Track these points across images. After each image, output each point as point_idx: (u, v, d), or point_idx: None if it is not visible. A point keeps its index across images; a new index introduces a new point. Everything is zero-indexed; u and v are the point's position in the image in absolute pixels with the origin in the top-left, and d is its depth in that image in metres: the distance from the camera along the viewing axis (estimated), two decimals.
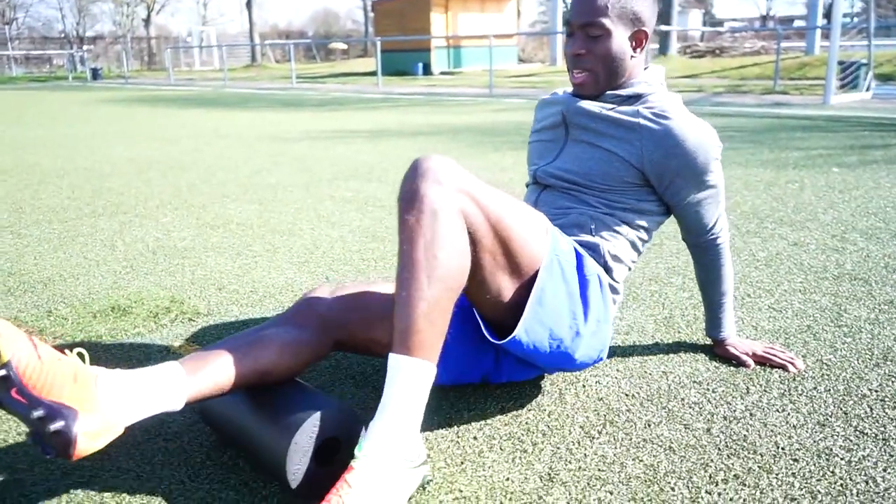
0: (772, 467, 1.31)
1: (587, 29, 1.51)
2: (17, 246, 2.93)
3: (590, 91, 1.58)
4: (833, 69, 9.36)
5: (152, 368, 1.18)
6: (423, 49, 22.35)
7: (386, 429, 1.15)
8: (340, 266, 2.59)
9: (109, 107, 11.54)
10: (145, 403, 1.14)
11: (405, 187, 1.23)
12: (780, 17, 47.21)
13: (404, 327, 1.18)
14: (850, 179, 4.08)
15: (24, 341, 1.06)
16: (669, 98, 1.58)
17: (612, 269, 1.56)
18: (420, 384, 1.18)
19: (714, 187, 1.58)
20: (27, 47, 38.19)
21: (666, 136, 1.51)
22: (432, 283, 1.18)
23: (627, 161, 1.53)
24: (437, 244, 1.19)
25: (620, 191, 1.56)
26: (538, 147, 1.71)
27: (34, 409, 1.02)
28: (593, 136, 1.57)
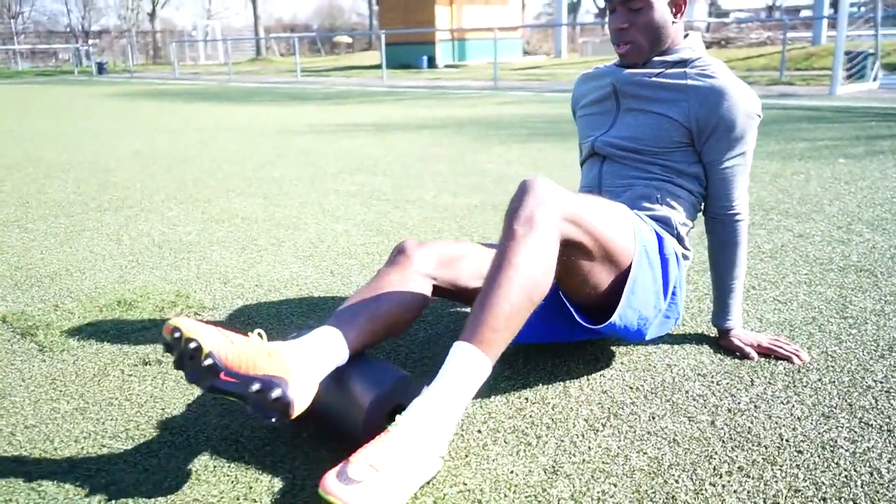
0: (776, 459, 1.31)
1: (628, 3, 1.60)
2: (24, 240, 2.94)
3: (636, 59, 1.66)
4: (840, 59, 9.31)
5: (316, 335, 1.32)
6: (428, 42, 22.29)
7: (430, 409, 1.20)
8: (345, 260, 2.59)
9: (115, 101, 11.56)
10: (325, 362, 1.29)
11: (517, 205, 1.33)
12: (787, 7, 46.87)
13: (482, 321, 1.25)
14: (856, 170, 4.06)
15: (215, 332, 1.19)
16: (714, 61, 1.65)
17: (683, 238, 1.69)
18: (477, 379, 1.24)
19: (745, 153, 1.65)
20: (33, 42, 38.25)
21: (711, 91, 1.59)
22: (521, 291, 1.27)
23: (677, 121, 1.61)
24: (534, 258, 1.29)
25: (671, 153, 1.64)
26: (589, 120, 1.78)
27: (250, 384, 1.16)
28: (644, 103, 1.66)
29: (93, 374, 1.70)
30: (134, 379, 1.67)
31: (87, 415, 1.51)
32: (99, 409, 1.53)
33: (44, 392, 1.61)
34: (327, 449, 1.36)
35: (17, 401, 1.58)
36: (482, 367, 1.24)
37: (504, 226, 1.33)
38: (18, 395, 1.60)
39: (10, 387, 1.64)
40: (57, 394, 1.60)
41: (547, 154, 4.99)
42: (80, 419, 1.49)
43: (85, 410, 1.53)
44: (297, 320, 2.02)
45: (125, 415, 1.51)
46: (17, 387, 1.64)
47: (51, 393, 1.61)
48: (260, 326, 1.98)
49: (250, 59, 32.36)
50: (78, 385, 1.64)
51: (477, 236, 2.88)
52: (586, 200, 1.42)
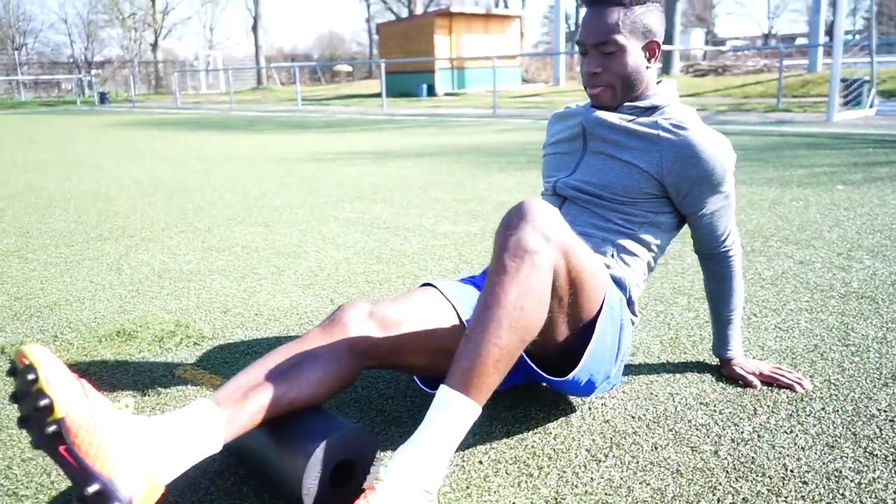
0: (781, 490, 1.29)
1: (601, 47, 1.55)
2: (24, 270, 2.94)
3: (607, 103, 1.62)
4: (836, 86, 9.39)
5: (191, 414, 1.15)
6: (428, 71, 22.50)
7: (419, 458, 1.15)
8: (345, 288, 2.59)
9: (117, 130, 11.64)
10: (188, 457, 1.12)
11: (509, 232, 1.23)
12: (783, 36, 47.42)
13: (470, 367, 1.18)
14: (854, 197, 4.07)
15: (78, 393, 1.03)
16: (685, 110, 1.62)
17: (633, 302, 1.60)
18: (465, 424, 1.19)
19: (728, 197, 1.62)
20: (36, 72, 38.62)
21: (685, 146, 1.54)
22: (511, 332, 1.19)
23: (647, 172, 1.56)
24: (527, 297, 1.20)
25: (639, 203, 1.59)
26: (555, 159, 1.74)
27: (89, 482, 0.99)
28: (612, 148, 1.60)
29: None
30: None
31: None
32: None
33: None
34: None
35: (14, 433, 1.56)
36: (472, 414, 1.19)
37: (494, 255, 1.24)
38: (15, 428, 1.59)
39: (8, 419, 1.63)
40: None
41: None
42: None
43: None
44: None
45: None
46: (15, 419, 1.63)
47: None
48: (259, 356, 1.97)
49: (252, 89, 32.65)
50: None
51: (476, 264, 2.88)
52: (578, 239, 1.33)
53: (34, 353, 1.03)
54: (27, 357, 1.02)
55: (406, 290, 1.52)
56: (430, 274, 2.75)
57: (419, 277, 2.70)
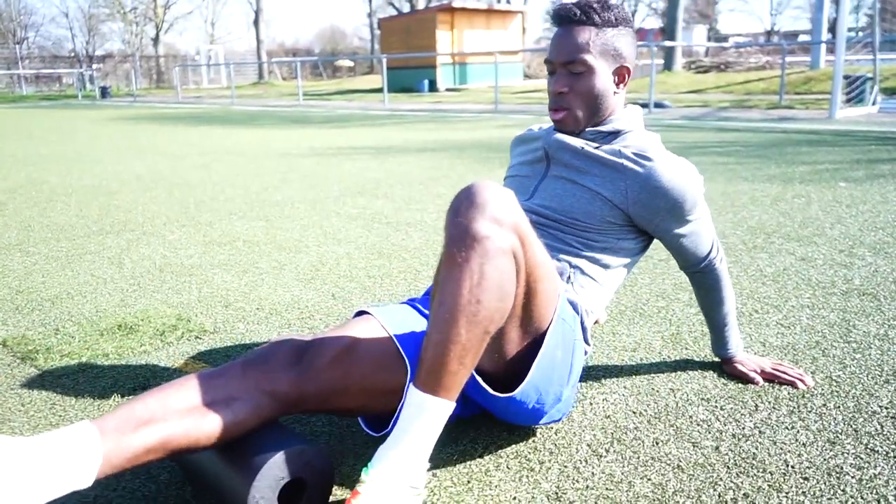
0: (781, 486, 1.29)
1: (569, 66, 1.50)
2: (26, 264, 2.94)
3: (570, 128, 1.57)
4: (839, 83, 9.37)
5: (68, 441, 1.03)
6: (429, 66, 22.48)
7: (399, 458, 1.14)
8: (346, 283, 2.59)
9: (118, 125, 11.64)
10: (50, 492, 1.00)
11: (457, 219, 1.14)
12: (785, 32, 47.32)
13: (435, 367, 1.14)
14: (857, 194, 4.07)
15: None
16: (648, 137, 1.57)
17: (586, 329, 1.50)
18: (440, 422, 1.16)
19: (700, 220, 1.57)
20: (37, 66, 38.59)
21: (650, 178, 1.48)
22: (471, 327, 1.13)
23: (610, 201, 1.51)
24: (483, 287, 1.12)
25: (600, 230, 1.53)
26: (514, 182, 1.67)
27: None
28: (574, 174, 1.55)
29: (93, 399, 1.69)
30: None
31: None
32: None
33: (43, 417, 1.60)
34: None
35: (17, 426, 1.57)
36: (445, 411, 1.16)
37: (445, 247, 1.15)
38: (18, 419, 1.59)
39: (10, 411, 1.63)
40: (56, 419, 1.59)
41: None
42: None
43: None
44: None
45: None
46: (17, 411, 1.63)
47: (50, 418, 1.60)
48: None
49: (253, 83, 32.62)
50: (78, 410, 1.63)
51: None
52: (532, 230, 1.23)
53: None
54: None
55: (341, 322, 1.43)
56: (431, 269, 2.75)
57: (420, 272, 2.70)
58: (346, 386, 1.27)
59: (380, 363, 1.30)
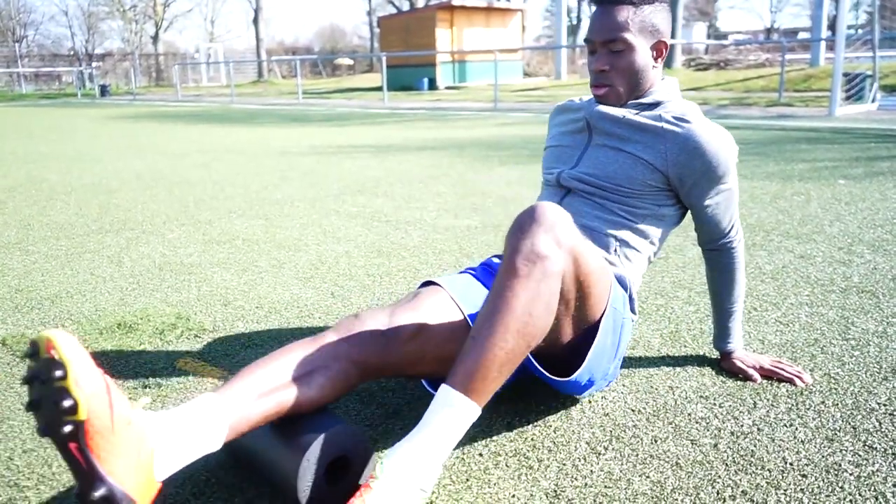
0: (780, 483, 1.30)
1: (609, 45, 1.56)
2: (25, 262, 2.94)
3: (611, 103, 1.63)
4: (838, 81, 9.37)
5: (196, 411, 1.14)
6: (429, 64, 22.46)
7: (416, 456, 1.15)
8: (346, 281, 2.59)
9: (117, 123, 11.63)
10: (187, 455, 1.11)
11: (524, 236, 1.22)
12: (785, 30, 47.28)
13: (473, 369, 1.18)
14: (856, 191, 4.07)
15: (103, 397, 0.99)
16: (687, 104, 1.63)
17: (634, 299, 1.60)
18: (464, 425, 1.19)
19: (731, 190, 1.62)
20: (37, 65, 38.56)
21: (689, 139, 1.55)
22: (519, 337, 1.20)
23: (651, 164, 1.57)
24: (536, 303, 1.21)
25: (642, 195, 1.59)
26: (557, 151, 1.74)
27: (96, 487, 0.99)
28: (617, 141, 1.61)
29: None
30: (133, 402, 1.66)
31: None
32: None
33: None
34: None
35: (16, 425, 1.57)
36: (472, 415, 1.19)
37: (505, 258, 1.23)
38: (17, 418, 1.60)
39: (9, 410, 1.64)
40: None
41: None
42: None
43: None
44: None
45: None
46: (17, 410, 1.63)
47: None
48: (260, 348, 1.98)
49: (252, 81, 32.60)
50: None
51: (477, 257, 2.88)
52: (588, 243, 1.34)
53: (65, 347, 0.97)
54: (57, 350, 0.97)
55: (413, 293, 1.48)
56: (430, 268, 2.75)
57: (420, 271, 2.70)
58: (422, 356, 1.39)
59: (451, 335, 1.41)
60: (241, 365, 1.87)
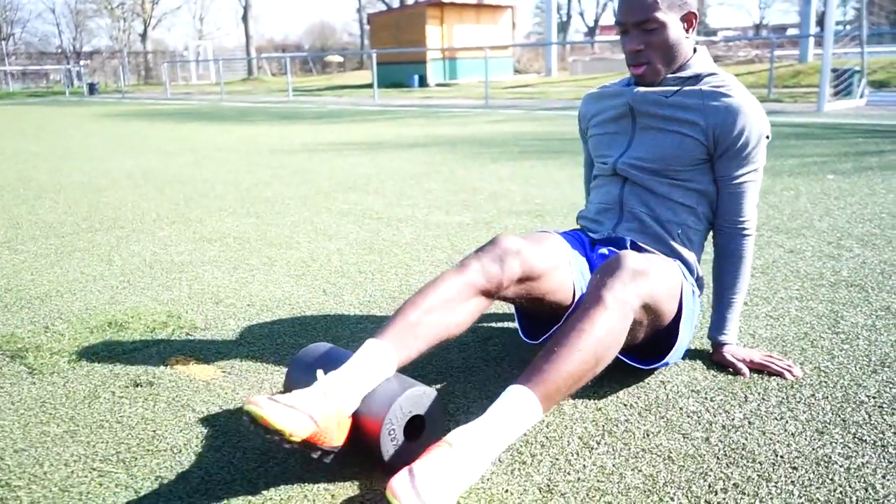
0: (771, 476, 1.30)
1: (642, 25, 1.60)
2: (14, 262, 2.92)
3: (651, 81, 1.67)
4: (827, 77, 9.41)
5: (371, 358, 1.33)
6: (419, 61, 22.44)
7: (482, 437, 1.19)
8: (338, 279, 2.59)
9: (106, 121, 11.56)
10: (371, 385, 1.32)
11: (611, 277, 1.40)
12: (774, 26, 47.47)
13: (550, 376, 1.27)
14: (845, 186, 4.09)
15: (305, 421, 1.20)
16: (729, 77, 1.67)
17: (701, 278, 1.75)
18: (526, 425, 1.24)
19: (757, 170, 1.67)
20: (24, 63, 38.27)
21: (729, 110, 1.60)
22: (592, 358, 1.31)
23: (697, 139, 1.63)
24: (613, 331, 1.34)
25: (692, 169, 1.67)
26: (604, 139, 1.79)
27: (312, 451, 1.24)
28: (662, 122, 1.67)
29: (83, 397, 1.68)
30: (125, 401, 1.66)
31: (77, 438, 1.49)
32: (90, 431, 1.52)
33: (33, 415, 1.60)
34: (319, 470, 1.35)
35: (7, 424, 1.56)
36: (534, 416, 1.25)
37: (593, 291, 1.38)
38: (8, 418, 1.59)
39: (0, 410, 1.63)
40: (47, 417, 1.59)
41: (538, 171, 5.01)
42: (70, 442, 1.48)
43: (75, 433, 1.51)
44: (290, 340, 2.02)
45: (116, 437, 1.49)
46: (7, 410, 1.63)
47: (41, 416, 1.59)
48: (252, 346, 1.98)
49: (242, 79, 32.46)
50: (68, 408, 1.63)
51: (470, 253, 2.87)
52: (661, 279, 1.49)
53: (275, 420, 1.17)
54: (271, 425, 1.17)
55: (539, 237, 1.67)
56: (422, 264, 2.75)
57: (412, 267, 2.70)
58: (542, 296, 1.60)
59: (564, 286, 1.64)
60: (233, 363, 1.86)
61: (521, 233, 3.15)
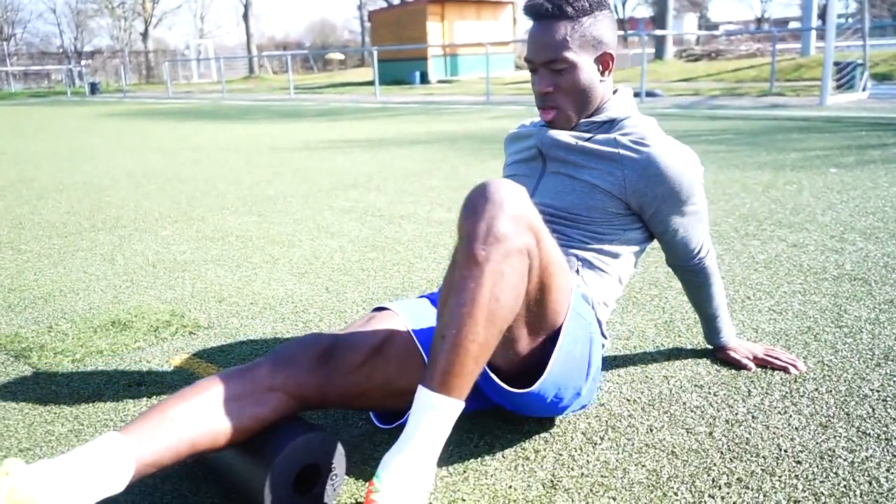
0: (775, 470, 1.30)
1: (551, 65, 1.46)
2: (18, 262, 2.93)
3: (562, 126, 1.54)
4: (829, 70, 9.39)
5: (97, 452, 1.06)
6: (420, 58, 22.41)
7: (411, 464, 1.12)
8: (340, 276, 2.59)
9: (108, 121, 11.57)
10: (84, 500, 1.03)
11: (476, 217, 1.13)
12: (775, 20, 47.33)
13: (448, 368, 1.12)
14: (847, 180, 4.08)
15: None
16: (645, 122, 1.53)
17: (601, 322, 1.51)
18: (450, 423, 1.14)
19: (699, 211, 1.54)
20: (25, 63, 38.32)
21: (648, 164, 1.45)
22: (489, 326, 1.12)
23: (609, 192, 1.48)
24: (502, 286, 1.12)
25: (604, 222, 1.51)
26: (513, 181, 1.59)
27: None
28: (572, 169, 1.51)
29: (87, 396, 1.69)
30: (129, 400, 1.66)
31: (81, 437, 1.50)
32: (94, 430, 1.52)
33: (38, 415, 1.60)
34: None
35: (11, 424, 1.56)
36: (455, 411, 1.14)
37: (460, 243, 1.14)
38: (12, 418, 1.59)
39: (4, 410, 1.63)
40: (51, 416, 1.59)
41: None
42: (75, 442, 1.48)
43: (80, 433, 1.52)
44: (292, 338, 2.02)
45: None
46: (11, 410, 1.63)
47: (45, 416, 1.60)
48: (255, 344, 1.98)
49: (243, 77, 32.47)
50: (72, 407, 1.63)
51: None
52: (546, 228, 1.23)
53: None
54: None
55: (365, 317, 1.46)
56: (425, 261, 2.75)
57: (414, 265, 2.71)
58: (368, 388, 1.30)
59: (402, 365, 1.33)
60: (236, 361, 1.87)
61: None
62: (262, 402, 1.21)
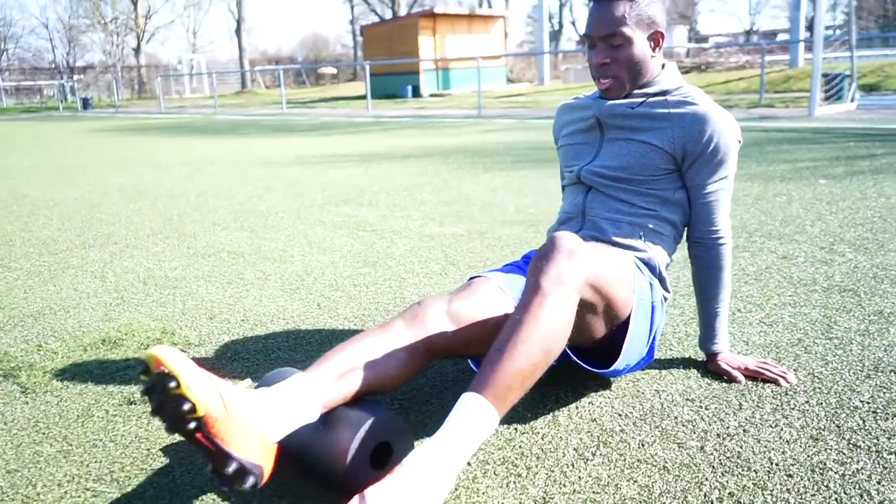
0: (766, 484, 1.30)
1: (609, 39, 1.63)
2: (7, 279, 2.91)
3: (617, 95, 1.70)
4: (817, 81, 9.47)
5: (294, 388, 1.26)
6: (412, 72, 22.50)
7: (438, 455, 1.17)
8: (332, 292, 2.59)
9: (100, 136, 11.55)
10: (292, 423, 1.23)
11: (546, 261, 1.35)
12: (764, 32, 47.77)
13: (498, 376, 1.24)
14: (837, 191, 4.11)
15: (213, 392, 1.11)
16: (694, 89, 1.70)
17: (665, 279, 1.72)
18: (484, 433, 1.23)
19: (728, 177, 1.69)
20: (17, 78, 38.27)
21: (694, 118, 1.63)
22: (540, 349, 1.28)
23: (661, 148, 1.65)
24: (557, 317, 1.30)
25: (657, 180, 1.68)
26: (572, 150, 1.82)
27: (228, 464, 1.11)
28: (628, 132, 1.69)
29: (77, 416, 1.67)
30: (118, 419, 1.65)
31: (70, 457, 1.49)
32: (83, 451, 1.51)
33: (26, 435, 1.59)
34: (314, 488, 1.35)
35: (0, 444, 1.55)
36: (491, 422, 1.23)
37: (529, 279, 1.34)
38: (0, 438, 1.58)
39: None
40: (40, 436, 1.58)
41: (531, 181, 5.03)
42: (63, 462, 1.47)
43: (69, 453, 1.50)
44: (284, 355, 2.01)
45: (110, 456, 1.49)
46: (0, 429, 1.62)
47: (33, 436, 1.58)
48: (247, 362, 1.97)
49: (236, 92, 32.50)
50: (61, 427, 1.62)
51: (463, 265, 2.88)
52: (605, 260, 1.44)
53: (172, 361, 1.10)
54: (165, 365, 1.10)
55: (465, 284, 1.61)
56: (416, 276, 2.75)
57: (406, 280, 2.70)
58: (479, 339, 1.50)
59: (502, 320, 1.53)
60: (228, 379, 1.86)
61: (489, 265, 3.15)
62: (402, 356, 1.40)
